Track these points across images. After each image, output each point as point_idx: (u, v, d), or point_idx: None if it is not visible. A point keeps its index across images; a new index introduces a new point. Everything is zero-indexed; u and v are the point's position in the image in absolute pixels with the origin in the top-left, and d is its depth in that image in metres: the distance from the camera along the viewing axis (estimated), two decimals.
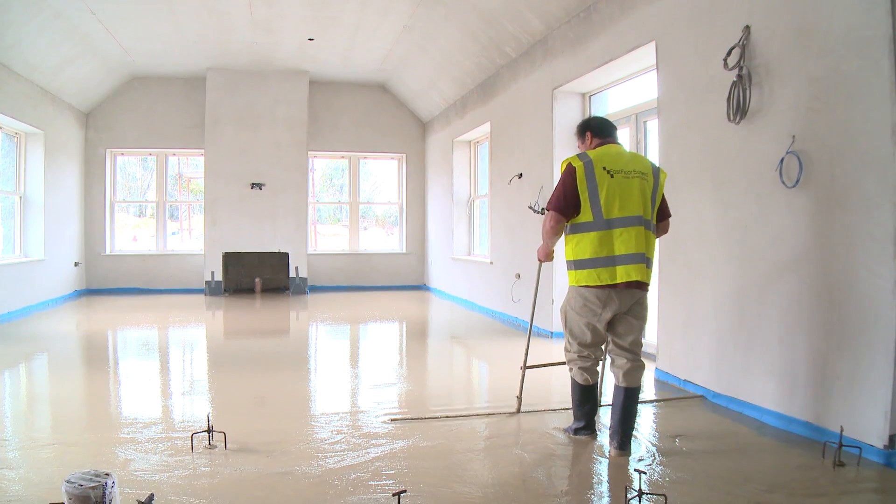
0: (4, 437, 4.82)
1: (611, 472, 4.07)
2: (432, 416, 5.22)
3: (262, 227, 14.54)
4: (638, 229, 4.26)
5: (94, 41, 11.67)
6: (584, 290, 4.38)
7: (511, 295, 10.00)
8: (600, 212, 4.26)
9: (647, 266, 4.31)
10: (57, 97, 12.69)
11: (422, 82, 13.75)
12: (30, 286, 11.71)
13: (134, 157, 15.79)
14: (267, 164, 14.48)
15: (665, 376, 6.31)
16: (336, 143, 15.58)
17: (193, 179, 16.40)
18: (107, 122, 14.67)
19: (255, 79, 14.35)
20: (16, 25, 9.63)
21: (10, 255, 11.70)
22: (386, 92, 15.60)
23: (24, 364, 7.66)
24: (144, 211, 16.52)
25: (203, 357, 8.35)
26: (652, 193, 4.37)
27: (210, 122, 14.29)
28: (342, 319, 11.02)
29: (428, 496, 3.65)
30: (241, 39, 12.17)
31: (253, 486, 3.82)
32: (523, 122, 9.69)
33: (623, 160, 4.36)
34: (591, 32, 7.67)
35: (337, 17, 10.90)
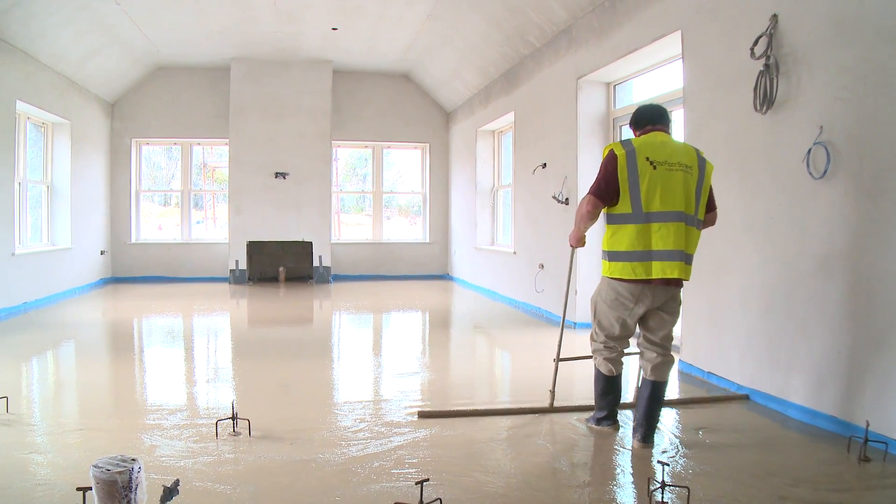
0: (33, 422, 4.90)
1: (633, 464, 4.06)
2: (463, 412, 5.08)
3: (286, 216, 14.60)
4: (678, 225, 4.08)
5: (120, 32, 11.75)
6: (617, 283, 4.28)
7: (534, 285, 9.98)
8: (640, 204, 4.10)
9: (686, 262, 4.15)
10: (83, 87, 12.80)
11: (445, 72, 13.72)
12: (57, 274, 11.85)
13: (159, 146, 15.92)
14: (291, 154, 14.53)
15: (689, 368, 6.28)
16: (360, 133, 15.60)
17: (218, 169, 16.49)
18: (132, 112, 14.79)
19: (279, 68, 14.38)
20: (42, 16, 9.71)
21: (37, 243, 11.83)
22: (409, 81, 15.59)
23: (52, 351, 7.76)
24: (169, 200, 16.63)
25: (227, 345, 8.42)
26: (696, 188, 4.18)
27: (234, 112, 14.35)
28: (365, 308, 11.05)
29: (450, 485, 3.66)
30: (264, 29, 12.20)
31: (276, 473, 3.85)
32: (547, 112, 9.64)
33: (668, 151, 4.16)
34: (615, 21, 7.62)
35: (360, 6, 10.89)
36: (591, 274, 8.58)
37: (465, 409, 5.14)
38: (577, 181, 8.61)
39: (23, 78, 10.32)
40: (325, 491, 3.62)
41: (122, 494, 2.83)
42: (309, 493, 3.61)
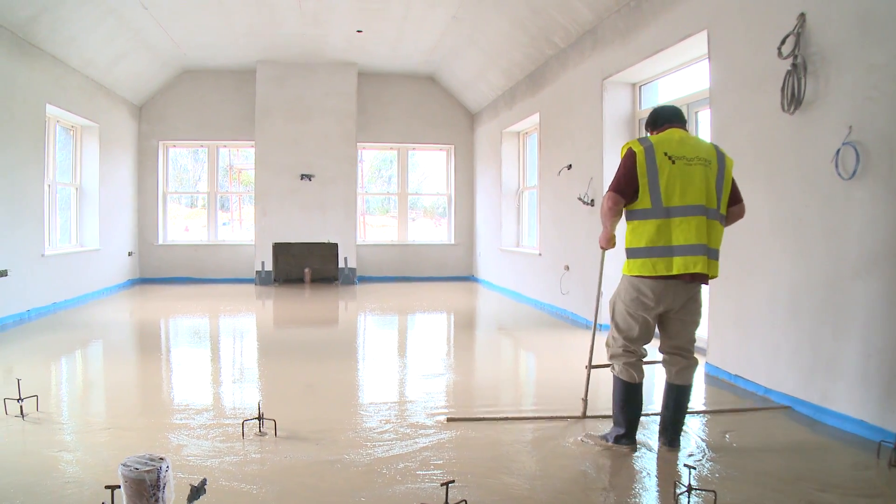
0: (62, 420, 4.97)
1: (659, 467, 4.04)
2: (493, 418, 4.99)
3: (311, 217, 14.67)
4: (699, 219, 4.00)
5: (147, 36, 11.87)
6: (638, 280, 4.17)
7: (560, 287, 9.96)
8: (659, 199, 4.04)
9: (710, 257, 4.05)
10: (111, 91, 12.94)
11: (470, 73, 13.72)
12: (85, 275, 11.98)
13: (186, 148, 16.04)
14: (316, 156, 14.60)
15: (716, 371, 6.22)
16: (385, 135, 15.64)
17: (244, 171, 16.61)
18: (159, 115, 14.94)
19: (305, 71, 14.46)
20: (71, 21, 9.84)
21: (66, 244, 11.98)
22: (434, 83, 15.60)
23: (80, 350, 7.86)
24: (196, 202, 16.76)
25: (253, 346, 8.47)
26: (717, 181, 4.13)
27: (260, 114, 14.44)
28: (391, 310, 11.07)
29: (475, 487, 3.66)
30: (290, 32, 12.27)
31: (302, 474, 3.87)
32: (573, 113, 9.62)
33: (686, 146, 4.13)
34: (641, 21, 7.58)
35: (385, 8, 10.92)
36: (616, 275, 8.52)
37: (494, 415, 5.06)
38: (602, 182, 8.58)
39: (52, 82, 10.46)
40: (350, 491, 3.63)
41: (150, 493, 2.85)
42: (334, 493, 3.62)
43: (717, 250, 4.12)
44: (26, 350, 7.59)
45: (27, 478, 3.80)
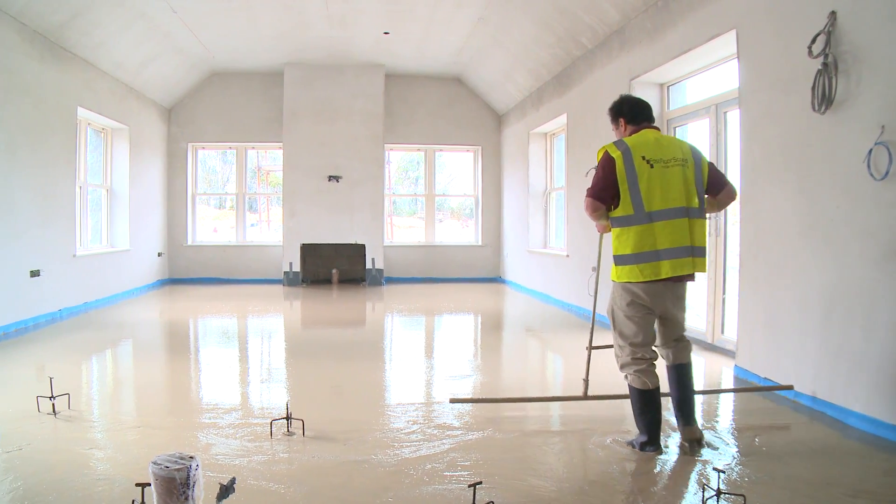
0: (92, 418, 5.04)
1: (687, 470, 4.00)
2: (492, 399, 5.37)
3: (339, 218, 14.73)
4: (682, 221, 4.09)
5: (176, 39, 12.00)
6: (629, 285, 4.22)
7: (587, 288, 9.92)
8: (641, 204, 4.09)
9: (696, 256, 4.14)
10: (141, 94, 13.09)
11: (497, 74, 13.71)
12: (116, 275, 12.13)
13: (214, 150, 16.19)
14: (344, 157, 14.66)
15: (745, 374, 6.16)
16: (412, 136, 15.67)
17: (272, 172, 16.71)
18: (188, 117, 15.10)
19: (332, 73, 14.53)
20: (102, 25, 9.97)
21: (97, 245, 12.13)
22: (461, 84, 15.61)
23: (111, 350, 7.95)
24: (224, 203, 16.89)
25: (281, 346, 8.52)
26: (696, 179, 4.21)
27: (288, 116, 14.53)
28: (418, 311, 11.09)
29: (503, 488, 3.66)
30: (317, 34, 12.34)
31: (330, 473, 3.89)
32: (600, 114, 9.51)
33: (662, 148, 4.19)
34: (669, 21, 7.54)
35: (411, 10, 10.95)
36: None
37: (495, 396, 5.36)
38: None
39: (83, 85, 10.61)
40: (377, 492, 3.64)
41: (180, 491, 2.88)
42: (362, 493, 3.63)
43: (703, 247, 4.19)
44: (58, 349, 7.71)
45: (59, 474, 3.86)
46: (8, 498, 3.54)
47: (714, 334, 7.47)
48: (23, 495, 3.57)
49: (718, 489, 3.42)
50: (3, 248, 8.43)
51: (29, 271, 9.07)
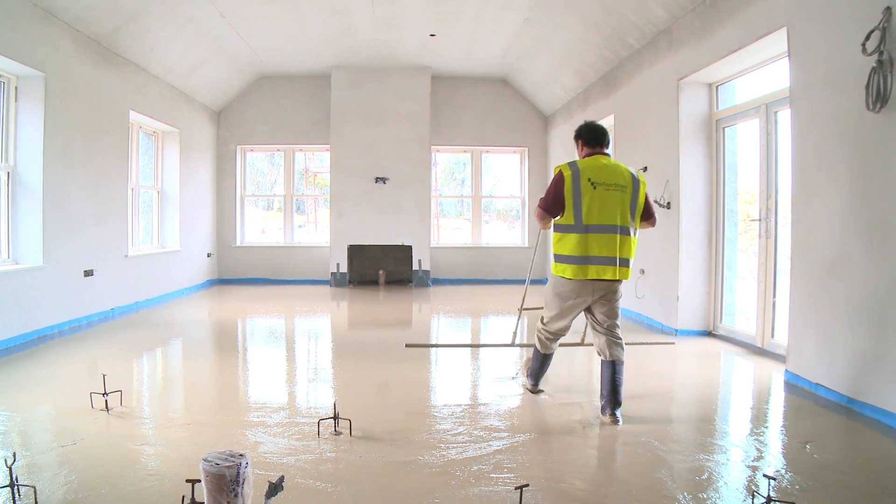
0: (143, 415, 5.14)
1: (736, 476, 3.95)
2: (443, 345, 6.98)
3: (385, 220, 14.81)
4: (613, 236, 4.93)
5: (225, 43, 12.17)
6: (563, 279, 5.14)
7: (635, 291, 9.84)
8: (581, 217, 4.94)
9: (620, 265, 4.99)
10: (191, 97, 13.30)
11: (543, 75, 13.66)
12: (166, 275, 12.34)
13: (262, 152, 16.37)
14: (391, 159, 14.73)
15: (796, 379, 6.04)
16: (458, 138, 15.68)
17: (319, 174, 16.84)
18: (237, 120, 15.31)
19: (379, 75, 14.61)
20: (153, 31, 10.16)
21: (148, 245, 12.35)
22: (507, 85, 15.59)
23: (161, 348, 8.09)
24: (272, 204, 17.07)
25: (328, 346, 8.59)
26: (631, 204, 5.01)
27: (335, 118, 14.65)
28: (464, 312, 11.09)
29: (549, 491, 3.65)
30: (364, 37, 12.41)
31: (377, 474, 3.91)
32: (648, 115, 9.49)
33: (607, 173, 4.99)
34: (717, 20, 7.44)
35: (458, 12, 10.96)
36: (693, 279, 8.43)
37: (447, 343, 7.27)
38: (679, 184, 8.45)
39: (135, 89, 10.82)
40: (424, 493, 3.65)
41: (229, 488, 2.92)
42: (408, 493, 3.65)
43: (628, 259, 5.05)
44: (110, 347, 7.87)
45: (112, 468, 3.95)
46: (63, 490, 3.63)
47: (764, 338, 7.36)
48: (77, 488, 3.66)
49: (769, 496, 3.36)
50: (59, 249, 8.64)
51: (83, 271, 9.28)
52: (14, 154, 8.21)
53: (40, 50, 8.16)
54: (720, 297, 8.39)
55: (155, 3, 9.50)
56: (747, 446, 4.45)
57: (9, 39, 7.58)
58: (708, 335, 8.44)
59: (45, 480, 3.76)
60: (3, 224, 8.20)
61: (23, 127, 8.25)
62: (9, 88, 8.16)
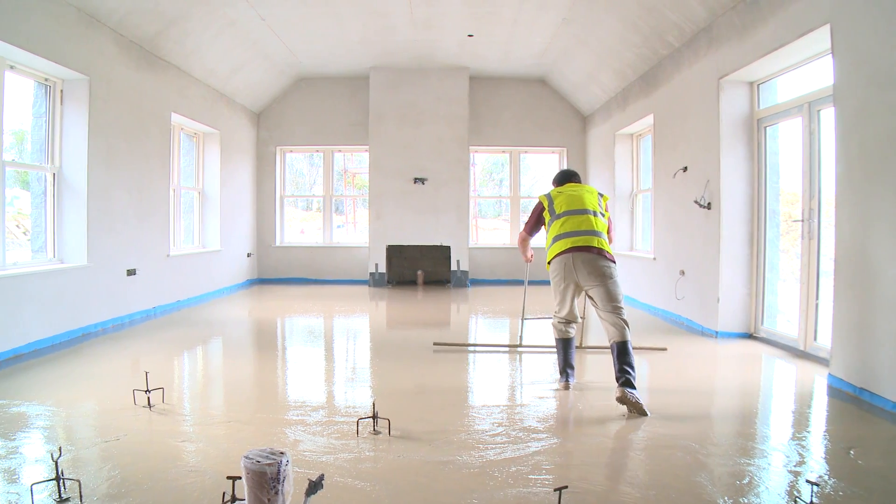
0: (184, 412, 5.22)
1: (777, 481, 3.89)
2: (468, 344, 6.89)
3: (424, 220, 14.84)
4: (584, 216, 5.80)
5: (264, 46, 12.30)
6: (553, 262, 5.86)
7: (674, 292, 9.76)
8: (555, 211, 5.93)
9: (595, 235, 5.71)
10: (231, 99, 13.45)
11: (582, 75, 13.60)
12: (207, 275, 12.50)
13: (301, 153, 16.50)
14: (429, 160, 14.77)
15: (839, 383, 5.93)
16: (496, 138, 15.66)
17: (358, 174, 16.94)
18: (276, 121, 15.47)
19: (417, 76, 14.65)
20: (195, 34, 10.30)
21: (189, 245, 12.51)
22: (545, 86, 15.54)
23: (202, 346, 8.20)
24: (311, 205, 17.20)
25: (366, 346, 8.64)
26: (597, 200, 5.97)
27: (374, 119, 14.72)
28: (502, 313, 11.07)
29: (587, 493, 3.63)
30: (402, 38, 12.46)
31: (415, 473, 3.92)
32: (688, 114, 9.40)
33: (573, 187, 6.07)
34: (759, 17, 7.35)
35: (496, 12, 10.96)
36: (734, 280, 8.34)
37: (470, 343, 7.03)
38: (719, 185, 8.36)
39: (177, 92, 10.97)
40: (462, 493, 3.65)
41: (270, 486, 2.94)
42: (446, 493, 3.65)
43: (601, 231, 5.78)
44: (152, 345, 8.00)
45: (154, 464, 4.02)
46: (106, 485, 3.70)
47: (806, 341, 7.25)
48: (120, 482, 3.73)
49: (811, 502, 3.31)
50: (103, 249, 8.79)
51: (126, 270, 9.43)
52: (60, 156, 8.38)
53: (85, 54, 8.31)
54: (761, 299, 8.28)
55: (196, 7, 9.63)
56: (789, 451, 4.38)
57: (55, 45, 7.74)
58: (749, 337, 8.34)
59: (89, 474, 3.84)
60: (49, 224, 8.37)
61: (68, 129, 8.41)
62: (55, 92, 8.32)
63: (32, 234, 8.43)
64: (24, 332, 7.39)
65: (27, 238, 8.54)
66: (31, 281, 7.54)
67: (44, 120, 8.30)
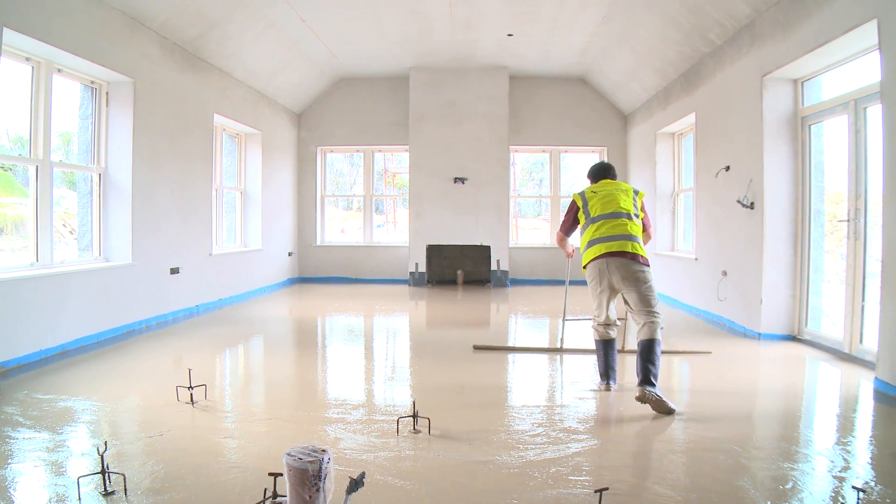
0: (225, 409, 5.31)
1: (822, 487, 3.82)
2: (510, 348, 7.59)
3: (464, 220, 14.86)
4: (618, 220, 5.76)
5: (305, 47, 12.40)
6: (588, 266, 5.89)
7: (716, 293, 9.65)
8: (589, 214, 5.92)
9: (630, 240, 5.67)
10: (272, 100, 13.58)
11: (622, 74, 13.51)
12: (248, 273, 12.64)
13: (342, 153, 16.61)
14: (469, 159, 14.77)
15: (885, 387, 5.79)
16: (536, 137, 15.62)
17: (398, 174, 17.00)
18: (317, 122, 15.60)
19: (456, 76, 14.66)
20: (236, 36, 10.43)
21: (231, 244, 12.66)
22: (585, 85, 15.46)
23: (243, 344, 8.30)
24: (351, 204, 17.30)
25: (406, 345, 8.66)
26: (633, 201, 5.90)
27: (413, 119, 14.76)
28: (542, 313, 11.03)
29: (627, 496, 3.60)
30: (441, 38, 12.48)
31: (455, 473, 3.93)
32: (730, 112, 9.29)
33: (608, 186, 6.00)
34: (803, 13, 7.24)
35: (535, 11, 10.92)
36: (777, 281, 8.23)
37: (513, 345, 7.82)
38: (763, 184, 8.25)
39: (219, 93, 11.11)
40: (501, 493, 3.65)
41: (311, 483, 2.97)
42: (486, 493, 3.65)
43: (636, 235, 5.74)
44: (195, 342, 8.12)
45: (196, 459, 4.09)
46: (150, 479, 3.77)
47: (852, 344, 7.13)
48: (164, 477, 3.80)
49: None
50: (147, 248, 8.93)
51: (169, 268, 9.57)
52: (105, 156, 8.54)
53: (129, 57, 8.45)
54: (805, 301, 8.15)
55: (237, 10, 9.74)
56: (834, 456, 4.29)
57: (101, 48, 7.88)
58: (792, 339, 8.22)
59: (133, 469, 3.91)
60: (95, 223, 8.52)
61: (113, 130, 8.57)
62: (100, 94, 8.48)
63: (79, 233, 8.60)
64: (71, 328, 7.54)
65: (73, 237, 8.71)
66: (77, 279, 7.69)
67: (90, 121, 8.47)
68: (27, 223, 7.53)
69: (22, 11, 6.62)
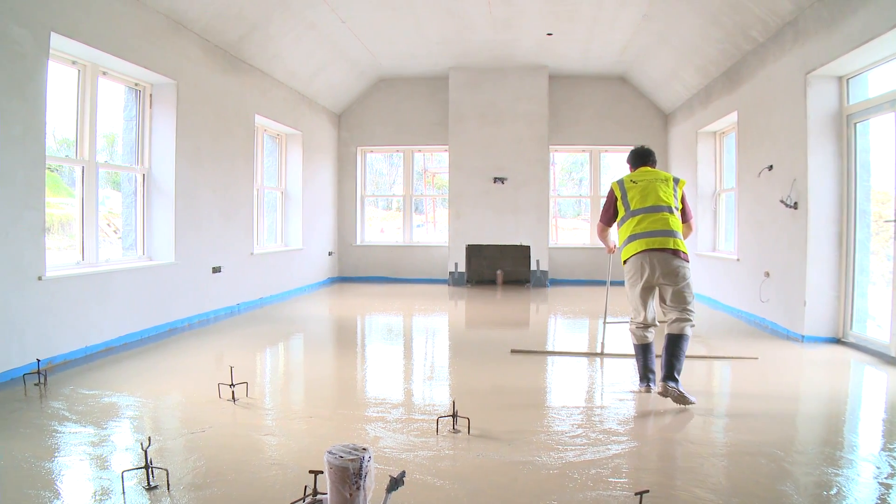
0: (266, 407, 5.37)
1: (867, 493, 3.75)
2: (548, 352, 7.63)
3: (504, 220, 14.85)
4: (658, 214, 5.65)
5: (345, 48, 12.48)
6: (627, 262, 5.80)
7: (759, 294, 9.53)
8: (629, 207, 5.79)
9: (668, 236, 5.57)
10: (312, 101, 13.69)
11: (662, 72, 13.39)
12: (289, 273, 12.76)
13: (381, 153, 16.67)
14: (509, 159, 14.76)
15: None
16: (576, 137, 15.55)
17: (438, 174, 17.03)
18: (357, 122, 15.69)
19: (496, 75, 14.65)
20: (277, 38, 10.53)
21: (272, 244, 12.80)
22: (625, 84, 15.35)
23: (283, 343, 8.39)
24: (391, 204, 17.37)
25: (445, 344, 8.68)
26: (673, 190, 5.79)
27: (453, 119, 14.78)
28: (582, 313, 10.97)
29: (667, 498, 3.58)
30: (481, 38, 12.48)
31: (494, 473, 3.93)
32: (773, 111, 9.17)
33: (647, 175, 5.88)
34: (848, 9, 7.11)
35: (575, 10, 10.88)
36: (821, 283, 8.10)
37: (551, 350, 7.83)
38: (807, 184, 8.13)
39: (260, 94, 11.23)
40: (541, 494, 3.64)
41: (352, 480, 2.99)
42: (525, 494, 3.65)
43: (676, 231, 5.64)
44: (236, 340, 8.24)
45: (237, 456, 4.16)
46: (192, 474, 3.84)
47: None
48: (205, 473, 3.87)
49: None
50: (189, 247, 9.06)
51: (211, 268, 9.69)
52: (149, 157, 8.67)
53: (172, 59, 8.58)
54: (850, 303, 8.01)
55: (278, 12, 9.83)
56: (879, 461, 4.21)
57: (145, 51, 8.01)
58: (837, 342, 8.08)
59: (176, 464, 3.98)
60: (139, 223, 8.66)
61: (157, 131, 8.70)
62: (144, 96, 8.61)
63: (123, 232, 8.74)
64: (115, 325, 7.68)
65: (118, 236, 8.86)
66: (121, 277, 7.82)
67: (134, 123, 8.61)
68: (73, 223, 7.68)
69: (68, 16, 6.75)
